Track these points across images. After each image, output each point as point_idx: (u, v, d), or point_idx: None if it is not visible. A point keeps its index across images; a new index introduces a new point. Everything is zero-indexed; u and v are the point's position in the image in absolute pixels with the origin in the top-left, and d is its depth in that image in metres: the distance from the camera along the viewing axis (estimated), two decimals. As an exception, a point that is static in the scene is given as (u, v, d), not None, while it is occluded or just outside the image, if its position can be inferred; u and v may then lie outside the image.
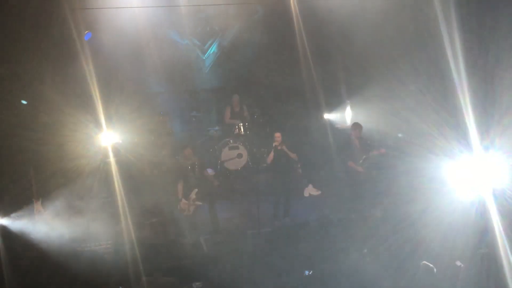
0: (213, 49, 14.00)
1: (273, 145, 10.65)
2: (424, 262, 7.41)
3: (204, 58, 14.05)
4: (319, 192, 12.40)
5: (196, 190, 10.12)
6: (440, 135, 9.39)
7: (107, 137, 11.00)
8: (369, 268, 8.55)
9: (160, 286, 7.67)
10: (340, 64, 13.67)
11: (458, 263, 7.62)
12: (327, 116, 14.34)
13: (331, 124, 14.17)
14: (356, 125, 11.15)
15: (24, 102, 10.73)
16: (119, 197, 9.88)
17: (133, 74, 13.49)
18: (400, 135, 10.93)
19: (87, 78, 11.52)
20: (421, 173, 9.51)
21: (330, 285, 7.76)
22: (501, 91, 8.86)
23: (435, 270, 7.29)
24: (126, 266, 8.97)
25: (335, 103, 14.42)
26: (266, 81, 13.82)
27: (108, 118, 11.19)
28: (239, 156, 12.74)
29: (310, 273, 7.25)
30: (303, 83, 14.56)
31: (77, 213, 9.86)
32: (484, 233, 8.31)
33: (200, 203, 10.20)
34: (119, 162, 10.62)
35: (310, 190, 12.43)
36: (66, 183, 10.64)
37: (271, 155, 10.72)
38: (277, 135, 10.78)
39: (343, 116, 14.28)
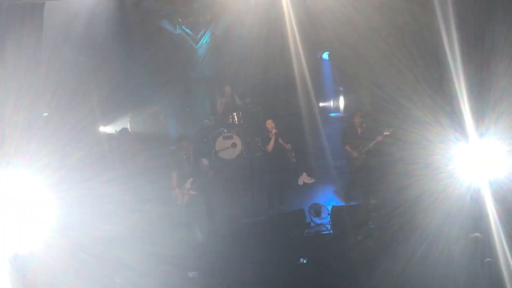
0: (205, 39, 13.95)
1: (273, 132, 10.55)
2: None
3: (197, 48, 13.99)
4: (313, 180, 12.43)
5: (191, 179, 10.11)
6: (435, 122, 9.41)
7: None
8: (363, 255, 8.61)
9: None
10: (333, 52, 13.63)
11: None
12: (320, 104, 14.36)
13: (324, 112, 14.18)
14: (357, 113, 11.04)
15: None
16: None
17: (125, 65, 13.48)
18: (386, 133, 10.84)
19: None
20: (416, 160, 9.53)
21: (325, 271, 7.77)
22: (496, 78, 8.87)
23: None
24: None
25: (327, 91, 14.42)
26: (259, 71, 13.78)
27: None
28: (233, 145, 12.75)
29: (305, 261, 7.24)
30: (295, 72, 14.57)
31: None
32: (478, 219, 8.36)
33: (195, 192, 10.18)
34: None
35: (304, 178, 12.45)
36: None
37: (271, 142, 10.65)
38: (269, 121, 10.72)
39: (337, 104, 14.30)
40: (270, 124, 10.64)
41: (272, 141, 10.63)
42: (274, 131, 10.53)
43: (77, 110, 12.62)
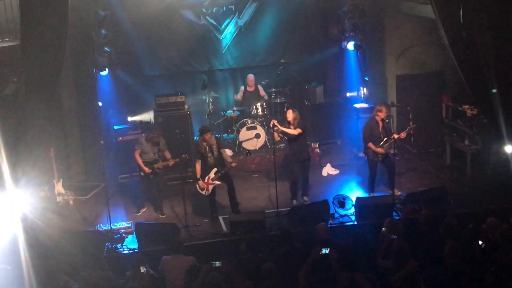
0: (229, 29, 13.91)
1: (271, 123, 10.49)
2: None
3: (221, 38, 13.96)
4: (337, 171, 12.36)
5: (215, 169, 10.12)
6: None
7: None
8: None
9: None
10: (358, 43, 13.48)
11: None
12: (346, 94, 14.24)
13: (349, 102, 14.06)
14: (380, 106, 10.77)
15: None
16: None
17: (151, 55, 13.54)
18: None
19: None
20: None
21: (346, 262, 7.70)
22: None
23: None
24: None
25: (352, 81, 14.29)
26: (283, 61, 13.69)
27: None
28: (257, 136, 12.73)
29: (327, 251, 7.19)
30: (321, 62, 14.48)
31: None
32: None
33: (219, 182, 10.20)
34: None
35: (328, 170, 12.38)
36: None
37: (276, 135, 10.67)
38: (289, 111, 10.70)
39: (362, 94, 14.16)
40: (289, 113, 10.58)
41: (276, 134, 10.62)
42: (274, 125, 10.43)
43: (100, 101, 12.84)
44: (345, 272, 6.75)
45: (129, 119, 13.31)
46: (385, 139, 10.56)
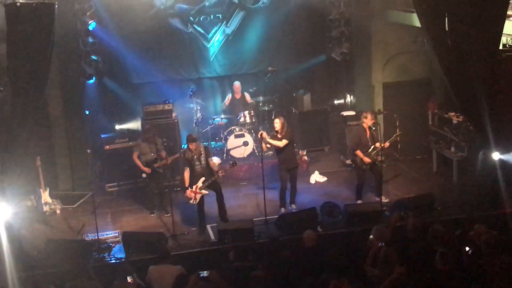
0: (217, 37, 13.93)
1: (259, 135, 10.63)
2: None
3: (208, 46, 13.98)
4: (325, 179, 12.38)
5: (203, 178, 10.10)
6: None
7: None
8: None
9: None
10: (344, 51, 13.60)
11: None
12: (332, 102, 14.32)
13: (337, 110, 14.12)
14: (366, 113, 10.87)
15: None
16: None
17: (138, 64, 13.50)
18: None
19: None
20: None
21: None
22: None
23: None
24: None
25: (339, 90, 14.36)
26: (271, 69, 13.71)
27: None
28: (245, 143, 12.72)
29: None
30: (308, 70, 14.54)
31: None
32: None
33: (207, 192, 10.18)
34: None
35: (316, 177, 12.40)
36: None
37: (264, 145, 10.71)
38: (275, 120, 10.74)
39: (347, 103, 14.25)
40: (276, 123, 10.61)
41: (264, 145, 10.66)
42: (263, 135, 10.50)
43: (87, 109, 12.78)
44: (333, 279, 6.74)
45: (117, 127, 13.27)
46: (372, 146, 10.61)
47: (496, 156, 9.67)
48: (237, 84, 13.50)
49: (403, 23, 12.48)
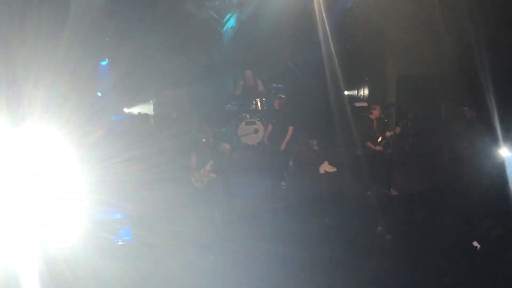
0: (231, 23, 13.86)
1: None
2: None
3: (222, 32, 13.91)
4: (335, 169, 12.35)
5: (212, 162, 10.10)
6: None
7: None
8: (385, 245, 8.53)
9: None
10: (360, 41, 13.49)
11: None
12: (346, 93, 14.22)
13: (349, 101, 14.05)
14: (374, 105, 10.94)
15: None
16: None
17: (150, 47, 13.48)
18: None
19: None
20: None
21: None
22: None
23: None
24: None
25: (354, 80, 14.27)
26: (284, 57, 13.67)
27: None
28: (256, 131, 12.72)
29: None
30: (322, 59, 14.44)
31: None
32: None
33: (214, 175, 10.17)
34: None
35: (325, 167, 12.38)
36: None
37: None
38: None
39: (362, 93, 14.17)
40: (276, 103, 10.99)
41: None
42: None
43: (98, 90, 12.79)
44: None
45: (126, 110, 13.28)
46: (380, 137, 10.60)
47: (504, 152, 9.60)
48: (249, 73, 13.43)
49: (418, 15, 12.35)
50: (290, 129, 10.83)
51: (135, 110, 13.27)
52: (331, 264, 7.22)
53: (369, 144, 10.62)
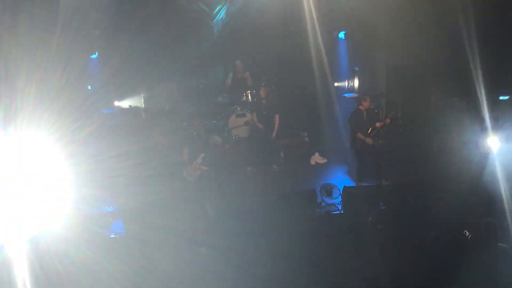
0: (221, 15, 13.82)
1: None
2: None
3: (212, 24, 13.87)
4: (325, 161, 12.40)
5: (203, 154, 10.10)
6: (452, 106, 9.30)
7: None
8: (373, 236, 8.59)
9: None
10: (350, 31, 13.51)
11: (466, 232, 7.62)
12: (335, 84, 14.26)
13: (339, 92, 14.09)
14: (364, 96, 10.97)
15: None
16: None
17: (140, 40, 13.43)
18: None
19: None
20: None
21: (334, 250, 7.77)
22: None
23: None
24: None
25: (343, 72, 14.29)
26: (274, 49, 13.66)
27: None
28: (246, 123, 12.70)
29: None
30: (311, 51, 14.45)
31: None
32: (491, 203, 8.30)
33: (206, 167, 10.18)
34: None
35: (316, 158, 12.42)
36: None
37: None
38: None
39: (351, 84, 14.19)
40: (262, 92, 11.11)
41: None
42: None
43: (89, 84, 12.74)
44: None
45: (116, 103, 13.24)
46: (370, 128, 10.64)
47: (492, 142, 9.66)
48: (239, 63, 13.43)
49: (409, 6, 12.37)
50: (276, 116, 10.91)
51: (126, 103, 13.21)
52: (323, 258, 7.24)
53: (359, 135, 10.65)
